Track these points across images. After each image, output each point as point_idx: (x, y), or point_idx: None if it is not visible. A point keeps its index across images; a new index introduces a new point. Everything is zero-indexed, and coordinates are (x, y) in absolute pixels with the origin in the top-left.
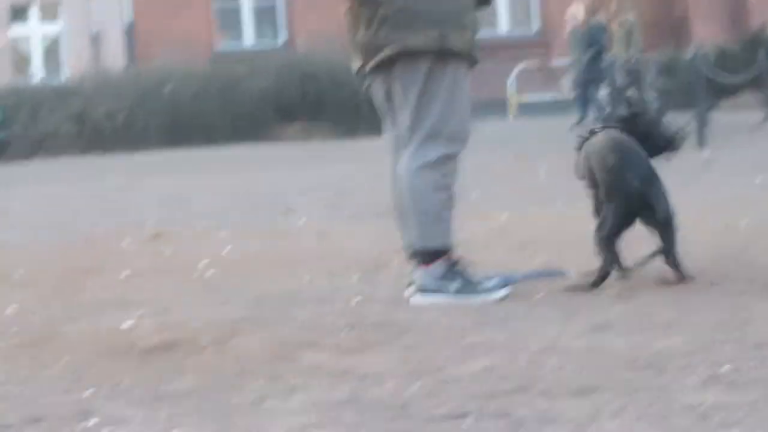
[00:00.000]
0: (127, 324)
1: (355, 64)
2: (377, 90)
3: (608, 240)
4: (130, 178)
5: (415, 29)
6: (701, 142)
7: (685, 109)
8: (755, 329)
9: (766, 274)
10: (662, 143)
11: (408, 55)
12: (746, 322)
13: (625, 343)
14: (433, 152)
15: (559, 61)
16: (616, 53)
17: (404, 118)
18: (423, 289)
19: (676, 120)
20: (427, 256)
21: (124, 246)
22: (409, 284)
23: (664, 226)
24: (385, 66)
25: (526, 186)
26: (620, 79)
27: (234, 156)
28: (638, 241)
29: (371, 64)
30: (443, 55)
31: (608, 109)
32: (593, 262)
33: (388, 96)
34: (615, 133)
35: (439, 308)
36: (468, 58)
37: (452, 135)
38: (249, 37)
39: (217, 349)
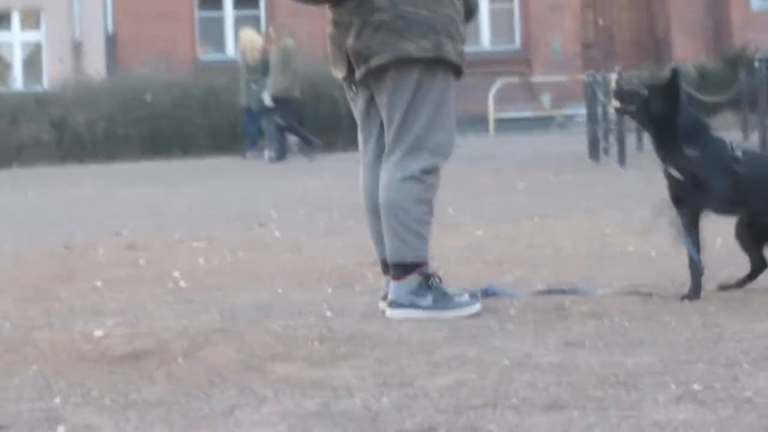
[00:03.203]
0: (98, 332)
1: (340, 72)
2: (361, 98)
3: None
4: (107, 187)
5: (410, 37)
6: None
7: None
8: (726, 347)
9: (738, 291)
10: None
11: (401, 63)
12: (718, 340)
13: (597, 360)
14: (416, 164)
15: (540, 78)
16: (272, 82)
17: (389, 128)
18: (396, 303)
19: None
20: (402, 269)
21: (98, 255)
22: (383, 297)
23: None
24: (375, 74)
25: (504, 202)
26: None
27: (212, 167)
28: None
29: (361, 70)
30: (436, 64)
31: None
32: (569, 277)
33: (371, 105)
34: None
35: (411, 322)
36: (457, 69)
37: (436, 148)
38: (231, 47)
39: (187, 359)
